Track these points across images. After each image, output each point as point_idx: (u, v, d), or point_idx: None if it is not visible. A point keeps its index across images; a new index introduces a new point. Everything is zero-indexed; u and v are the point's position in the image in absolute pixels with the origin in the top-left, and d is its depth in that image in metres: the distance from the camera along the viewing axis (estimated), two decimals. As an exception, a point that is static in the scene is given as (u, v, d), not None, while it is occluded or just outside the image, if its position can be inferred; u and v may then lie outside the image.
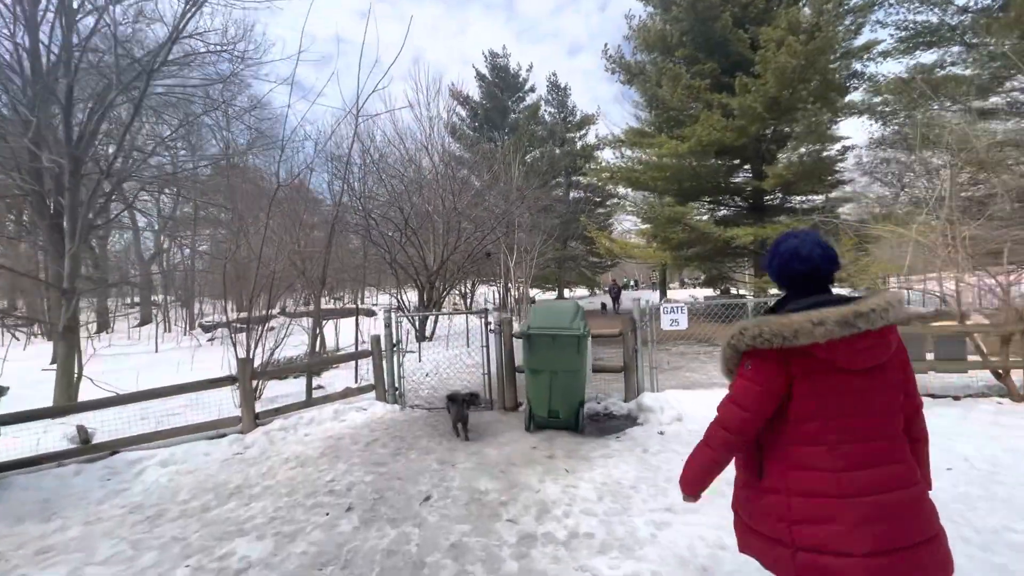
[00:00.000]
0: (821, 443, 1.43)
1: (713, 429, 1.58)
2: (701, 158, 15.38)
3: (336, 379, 7.57)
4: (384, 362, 6.53)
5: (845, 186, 17.98)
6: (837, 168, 16.28)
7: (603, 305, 24.91)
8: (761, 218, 16.92)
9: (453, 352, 10.11)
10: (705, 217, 17.80)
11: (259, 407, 6.04)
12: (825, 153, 14.16)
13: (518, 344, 6.51)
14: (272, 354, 6.73)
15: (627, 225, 34.62)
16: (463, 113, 32.67)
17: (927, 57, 15.37)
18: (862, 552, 1.33)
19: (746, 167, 18.57)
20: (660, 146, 15.58)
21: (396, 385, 6.56)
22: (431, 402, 6.88)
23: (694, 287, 42.51)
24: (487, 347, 6.45)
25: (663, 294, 30.01)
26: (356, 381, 7.40)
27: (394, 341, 6.58)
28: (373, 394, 6.54)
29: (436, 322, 12.81)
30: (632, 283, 56.94)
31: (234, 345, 6.22)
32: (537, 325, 5.27)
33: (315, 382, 7.22)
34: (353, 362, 7.41)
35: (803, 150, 14.61)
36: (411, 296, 15.39)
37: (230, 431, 5.55)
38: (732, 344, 1.55)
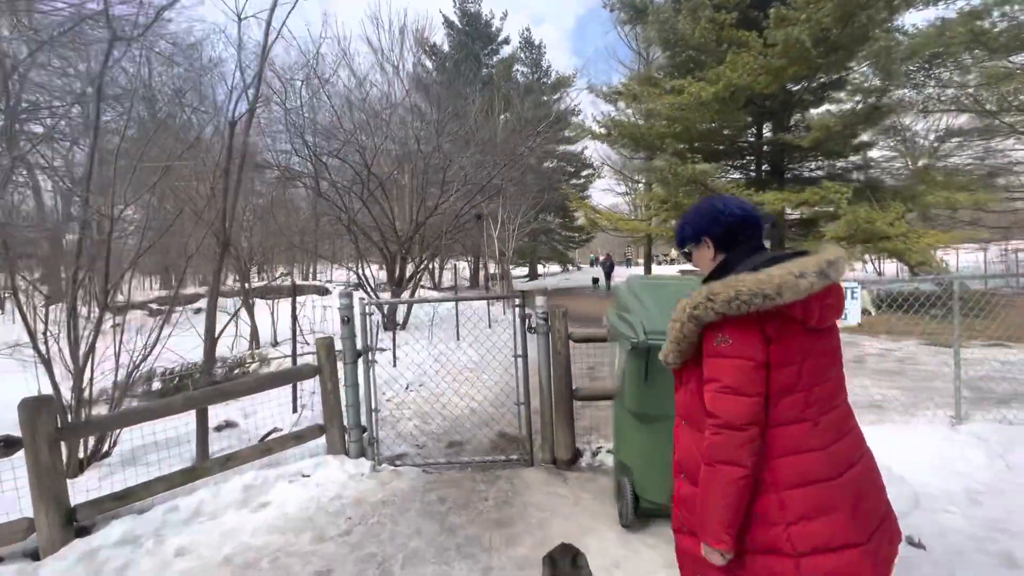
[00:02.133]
0: (806, 418, 1.22)
1: (719, 439, 1.21)
2: (725, 107, 12.88)
3: (262, 407, 4.62)
4: (343, 386, 3.72)
5: (870, 148, 16.06)
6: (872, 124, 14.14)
7: (595, 280, 22.90)
8: (783, 183, 14.75)
9: (439, 348, 7.34)
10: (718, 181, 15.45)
11: (87, 488, 3.14)
12: (885, 99, 11.92)
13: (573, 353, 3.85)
14: (135, 372, 3.73)
15: (598, 196, 32.71)
16: (429, 65, 28.92)
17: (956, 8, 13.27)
18: (865, 538, 1.17)
19: (750, 128, 16.28)
20: (679, 92, 12.97)
21: (364, 424, 3.77)
22: (423, 447, 4.14)
23: (669, 263, 40.93)
24: (524, 357, 3.74)
25: (648, 271, 28.00)
26: (294, 412, 4.55)
27: (359, 347, 3.76)
28: (323, 442, 3.73)
29: (410, 306, 9.90)
30: (600, 259, 54.91)
31: (45, 361, 3.16)
32: (659, 328, 2.59)
33: (224, 413, 4.34)
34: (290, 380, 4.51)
35: (856, 99, 12.31)
36: (376, 273, 12.35)
37: (14, 552, 2.65)
38: (696, 315, 1.24)
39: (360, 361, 3.79)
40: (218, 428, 4.15)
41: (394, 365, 6.47)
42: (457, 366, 6.78)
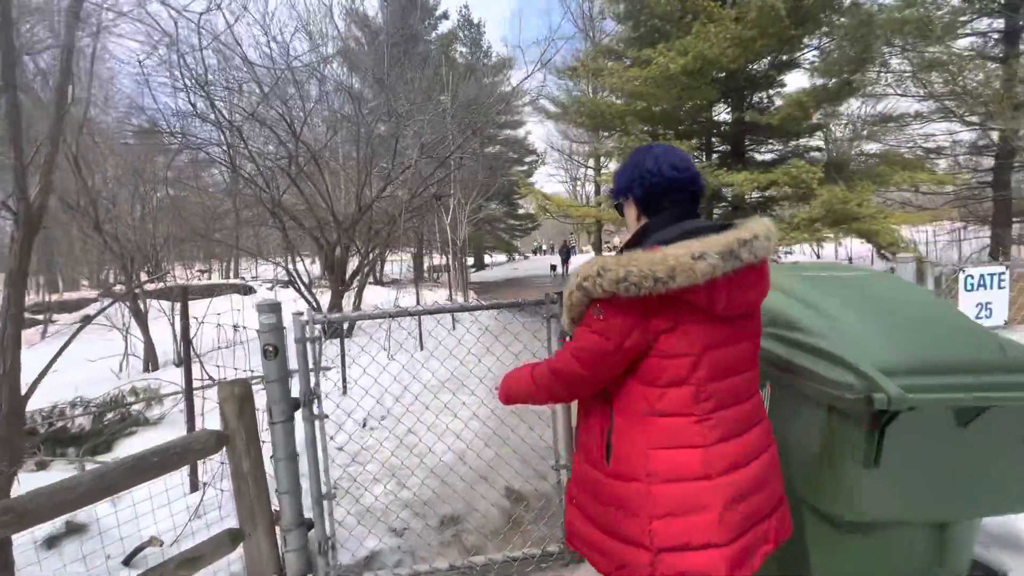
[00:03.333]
0: (692, 413, 1.12)
1: (546, 370, 1.26)
2: (693, 81, 12.10)
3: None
4: (276, 462, 2.22)
5: (827, 128, 15.99)
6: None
7: (552, 267, 23.15)
8: (745, 163, 14.29)
9: (404, 359, 5.84)
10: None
11: None
12: (858, 75, 11.49)
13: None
14: None
15: (541, 183, 32.42)
16: (362, 38, 26.44)
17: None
18: (729, 540, 1.08)
19: (716, 104, 15.75)
20: (644, 64, 12.04)
21: (310, 517, 2.30)
22: (404, 535, 2.72)
23: (611, 250, 40.92)
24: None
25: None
26: (194, 490, 2.90)
27: (296, 394, 2.27)
28: (239, 556, 2.23)
29: (355, 307, 8.22)
30: (542, 248, 54.47)
31: None
32: (913, 364, 1.35)
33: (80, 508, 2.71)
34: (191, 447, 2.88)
35: (830, 73, 11.83)
36: (309, 267, 10.46)
37: None
38: (584, 287, 1.14)
39: (299, 415, 2.30)
40: (51, 541, 2.47)
41: (344, 392, 4.90)
42: (428, 389, 5.35)
